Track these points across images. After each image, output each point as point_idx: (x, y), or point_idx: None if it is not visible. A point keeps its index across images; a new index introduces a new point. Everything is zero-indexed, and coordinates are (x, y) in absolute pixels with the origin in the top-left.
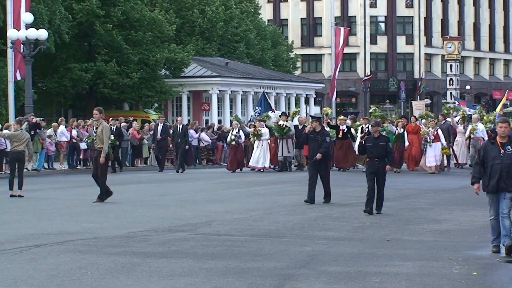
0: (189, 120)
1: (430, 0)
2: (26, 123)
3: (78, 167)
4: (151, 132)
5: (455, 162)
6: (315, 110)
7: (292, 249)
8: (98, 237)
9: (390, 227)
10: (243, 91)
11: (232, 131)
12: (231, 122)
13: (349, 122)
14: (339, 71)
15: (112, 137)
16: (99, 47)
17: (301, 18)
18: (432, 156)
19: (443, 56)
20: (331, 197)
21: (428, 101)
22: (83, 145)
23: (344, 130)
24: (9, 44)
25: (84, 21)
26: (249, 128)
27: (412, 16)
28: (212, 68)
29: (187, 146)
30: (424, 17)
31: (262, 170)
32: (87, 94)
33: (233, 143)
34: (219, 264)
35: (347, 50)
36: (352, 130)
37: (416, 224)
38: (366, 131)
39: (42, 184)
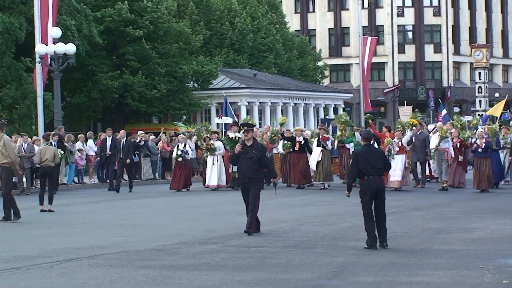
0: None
1: (458, 8)
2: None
3: (108, 180)
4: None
5: (429, 175)
6: None
7: (323, 259)
8: (129, 250)
9: (421, 237)
10: (272, 102)
11: (178, 145)
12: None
13: (308, 132)
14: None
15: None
16: (128, 53)
17: (329, 28)
18: (394, 170)
19: (471, 64)
20: (258, 225)
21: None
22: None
23: (301, 142)
24: (37, 59)
25: (113, 28)
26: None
27: (440, 25)
28: (240, 80)
29: (128, 160)
30: (452, 25)
31: (216, 188)
32: (116, 107)
33: (180, 159)
34: (250, 276)
35: (375, 59)
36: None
37: (446, 233)
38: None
39: (72, 199)
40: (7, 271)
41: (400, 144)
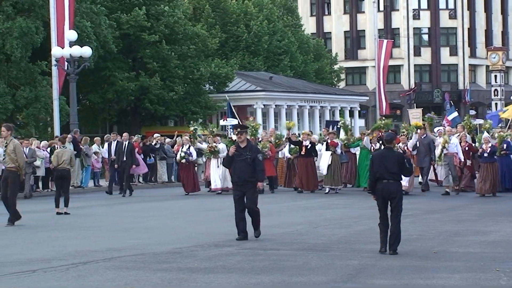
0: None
1: (474, 11)
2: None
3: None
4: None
5: (435, 179)
6: (359, 123)
7: (338, 262)
8: (145, 253)
9: (437, 239)
10: (287, 105)
11: (182, 147)
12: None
13: (315, 137)
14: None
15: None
16: (146, 57)
17: (345, 31)
18: None
19: (487, 66)
20: (260, 230)
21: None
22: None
23: (307, 146)
24: (53, 62)
25: (130, 33)
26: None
27: (456, 27)
28: (256, 83)
29: (134, 166)
30: (468, 28)
31: (221, 192)
32: (132, 110)
33: (183, 160)
34: (266, 279)
35: (391, 62)
36: (320, 146)
37: (462, 235)
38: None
39: (88, 201)
40: (24, 274)
41: (405, 149)
